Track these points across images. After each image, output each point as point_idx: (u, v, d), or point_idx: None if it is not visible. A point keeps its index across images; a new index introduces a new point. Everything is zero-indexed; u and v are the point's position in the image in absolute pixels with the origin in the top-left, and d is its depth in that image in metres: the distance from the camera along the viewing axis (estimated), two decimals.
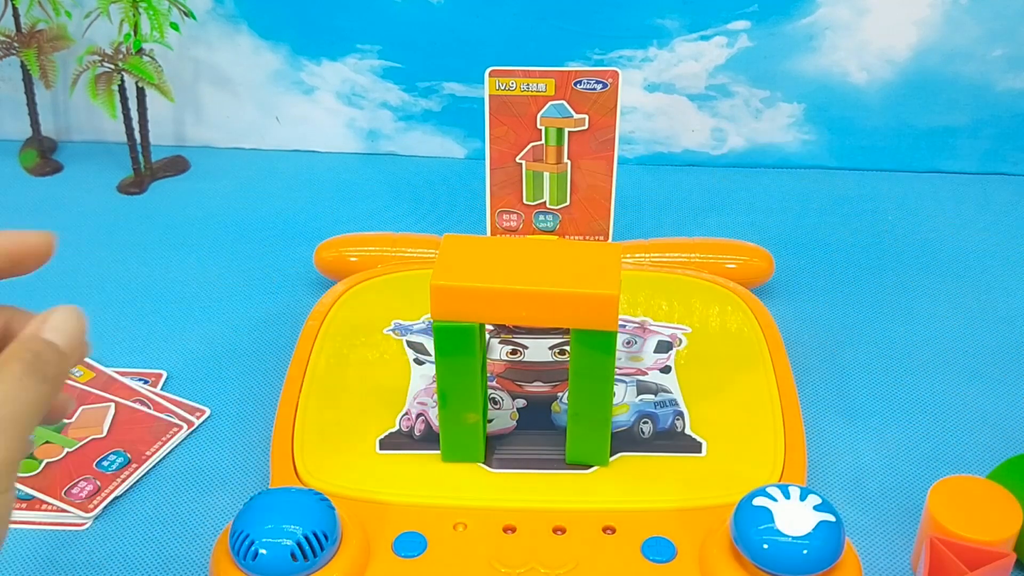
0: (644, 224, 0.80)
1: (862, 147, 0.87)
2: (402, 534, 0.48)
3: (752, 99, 0.85)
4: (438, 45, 0.85)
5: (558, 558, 0.47)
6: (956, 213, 0.82)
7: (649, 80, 0.85)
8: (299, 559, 0.44)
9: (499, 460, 0.53)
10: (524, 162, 0.68)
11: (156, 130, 0.86)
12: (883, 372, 0.64)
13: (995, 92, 0.83)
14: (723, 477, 0.52)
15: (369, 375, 0.59)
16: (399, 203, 0.83)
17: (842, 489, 0.56)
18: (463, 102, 0.87)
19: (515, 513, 0.50)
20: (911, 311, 0.70)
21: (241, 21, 0.86)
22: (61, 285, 0.72)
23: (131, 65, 0.80)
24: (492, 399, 0.56)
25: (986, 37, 0.81)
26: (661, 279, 0.67)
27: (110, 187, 0.85)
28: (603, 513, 0.50)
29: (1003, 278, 0.74)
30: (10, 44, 0.83)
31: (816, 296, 0.72)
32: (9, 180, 0.87)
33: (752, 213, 0.81)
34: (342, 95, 0.88)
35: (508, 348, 0.61)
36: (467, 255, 0.49)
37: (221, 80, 0.89)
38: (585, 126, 0.67)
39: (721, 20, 0.82)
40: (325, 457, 0.53)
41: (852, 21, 0.81)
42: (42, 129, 0.89)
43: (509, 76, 0.65)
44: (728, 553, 0.46)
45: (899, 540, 0.53)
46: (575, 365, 0.49)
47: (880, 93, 0.84)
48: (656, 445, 0.54)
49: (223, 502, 0.55)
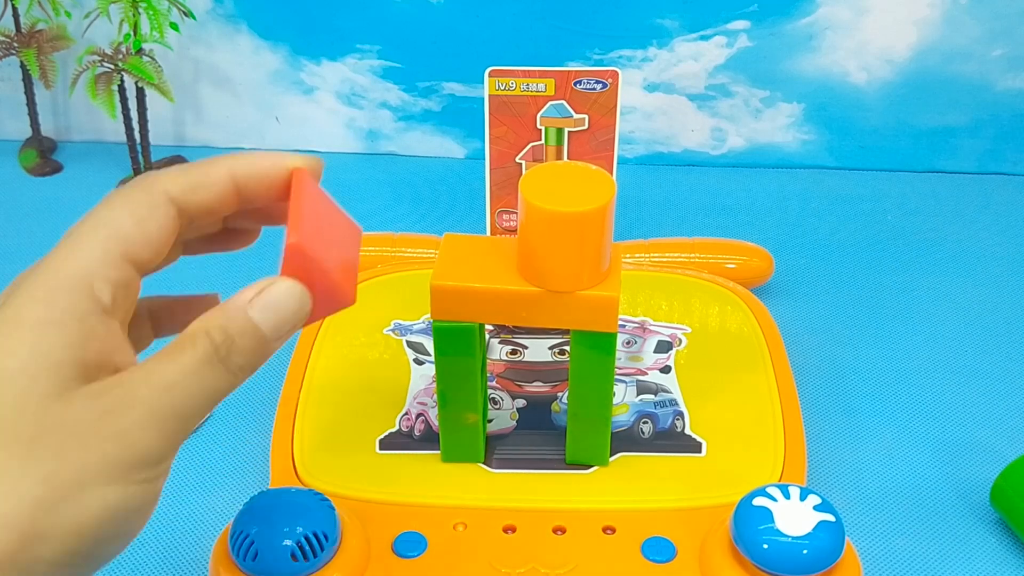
0: (644, 224, 0.80)
1: (862, 147, 0.87)
2: (402, 534, 0.48)
3: (752, 99, 0.85)
4: (438, 45, 0.85)
5: (558, 558, 0.47)
6: (956, 213, 0.82)
7: (649, 80, 0.85)
8: (299, 559, 0.44)
9: (499, 460, 0.53)
10: (524, 162, 0.68)
11: (156, 130, 0.86)
12: (883, 372, 0.64)
13: (995, 92, 0.83)
14: (723, 477, 0.52)
15: (369, 375, 0.59)
16: (399, 203, 0.83)
17: (842, 489, 0.56)
18: (463, 102, 0.87)
19: (515, 513, 0.50)
20: (911, 311, 0.70)
21: (241, 21, 0.86)
22: None
23: (131, 65, 0.80)
24: (492, 399, 0.56)
25: (986, 37, 0.81)
26: (661, 279, 0.67)
27: (110, 187, 0.85)
28: (603, 513, 0.50)
29: (1003, 278, 0.74)
30: (10, 44, 0.83)
31: (816, 296, 0.72)
32: (9, 180, 0.87)
33: (752, 213, 0.82)
34: (342, 95, 0.88)
35: (508, 348, 0.61)
36: (467, 255, 0.49)
37: (221, 80, 0.88)
38: (585, 126, 0.67)
39: (721, 20, 0.82)
40: (325, 457, 0.53)
41: (852, 21, 0.81)
42: (42, 129, 0.89)
43: (509, 76, 0.65)
44: (728, 553, 0.46)
45: (899, 540, 0.53)
46: (575, 365, 0.49)
47: (880, 93, 0.84)
48: (656, 445, 0.54)
49: (223, 502, 0.55)
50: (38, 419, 0.29)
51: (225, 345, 0.32)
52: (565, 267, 0.45)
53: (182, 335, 0.32)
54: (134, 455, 0.30)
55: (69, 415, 0.30)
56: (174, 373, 0.31)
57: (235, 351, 0.32)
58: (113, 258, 0.32)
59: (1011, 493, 0.52)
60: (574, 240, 0.45)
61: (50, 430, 0.29)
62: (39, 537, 0.29)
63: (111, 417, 0.30)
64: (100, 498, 0.30)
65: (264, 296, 0.33)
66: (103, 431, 0.30)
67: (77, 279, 0.31)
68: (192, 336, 0.31)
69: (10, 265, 0.75)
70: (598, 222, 0.44)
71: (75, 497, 0.29)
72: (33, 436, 0.29)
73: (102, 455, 0.30)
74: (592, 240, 0.45)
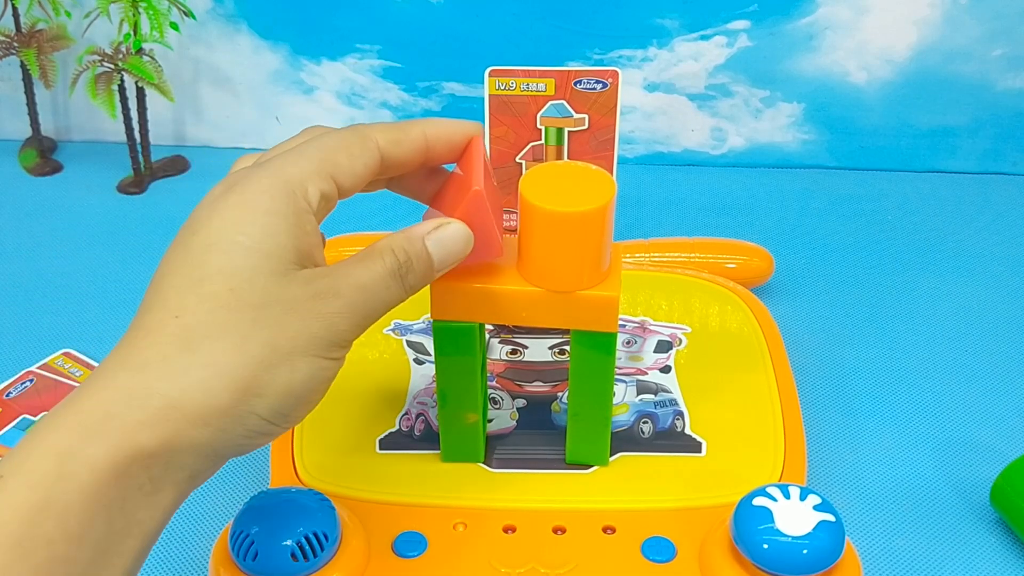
0: (644, 224, 0.80)
1: (862, 147, 0.87)
2: (402, 534, 0.48)
3: (752, 99, 0.85)
4: (438, 45, 0.85)
5: (558, 558, 0.47)
6: (956, 213, 0.82)
7: (649, 80, 0.85)
8: (299, 559, 0.44)
9: (499, 460, 0.53)
10: (524, 162, 0.68)
11: (156, 130, 0.86)
12: (883, 372, 0.64)
13: (995, 92, 0.83)
14: (723, 477, 0.52)
15: (369, 375, 0.59)
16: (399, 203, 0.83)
17: (842, 489, 0.56)
18: (463, 102, 0.87)
19: (515, 513, 0.50)
20: (911, 311, 0.70)
21: (241, 21, 0.86)
22: (61, 285, 0.72)
23: (131, 65, 0.80)
24: (492, 399, 0.56)
25: (986, 37, 0.81)
26: (661, 279, 0.67)
27: (110, 187, 0.85)
28: (603, 513, 0.50)
29: (1003, 278, 0.74)
30: (10, 44, 0.83)
31: (816, 296, 0.72)
32: (9, 180, 0.87)
33: (752, 213, 0.82)
34: (342, 95, 0.88)
35: (508, 348, 0.61)
36: None
37: (221, 80, 0.89)
38: (585, 126, 0.67)
39: (721, 20, 0.82)
40: (325, 457, 0.53)
41: (852, 21, 0.81)
42: (42, 129, 0.89)
43: (509, 76, 0.65)
44: (728, 553, 0.46)
45: (899, 540, 0.53)
46: (575, 365, 0.49)
47: (880, 93, 0.84)
48: (656, 445, 0.54)
49: (223, 502, 0.55)
50: (266, 291, 0.35)
51: (406, 264, 0.38)
52: (565, 267, 0.45)
53: (372, 248, 0.38)
54: (333, 335, 0.36)
55: (288, 293, 0.35)
56: (367, 277, 0.37)
57: (411, 271, 0.38)
58: (324, 175, 0.38)
59: (1011, 493, 0.52)
60: (574, 240, 0.45)
61: (273, 302, 0.35)
62: (257, 392, 0.35)
63: (320, 301, 0.36)
64: (306, 365, 0.35)
65: (440, 231, 0.40)
66: (313, 311, 0.35)
67: (296, 182, 0.37)
68: (381, 251, 0.38)
69: (10, 265, 0.75)
70: (598, 222, 0.44)
71: (288, 362, 0.35)
72: (260, 304, 0.35)
73: (311, 331, 0.35)
74: (592, 240, 0.45)
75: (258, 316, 0.35)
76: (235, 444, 0.35)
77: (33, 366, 0.64)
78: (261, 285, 0.35)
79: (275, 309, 0.35)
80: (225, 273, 0.35)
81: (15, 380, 0.63)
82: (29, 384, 0.63)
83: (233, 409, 0.34)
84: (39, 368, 0.64)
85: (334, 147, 0.39)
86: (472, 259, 0.43)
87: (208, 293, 0.34)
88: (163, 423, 0.33)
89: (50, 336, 0.67)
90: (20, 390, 0.62)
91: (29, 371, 0.64)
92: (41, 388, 0.62)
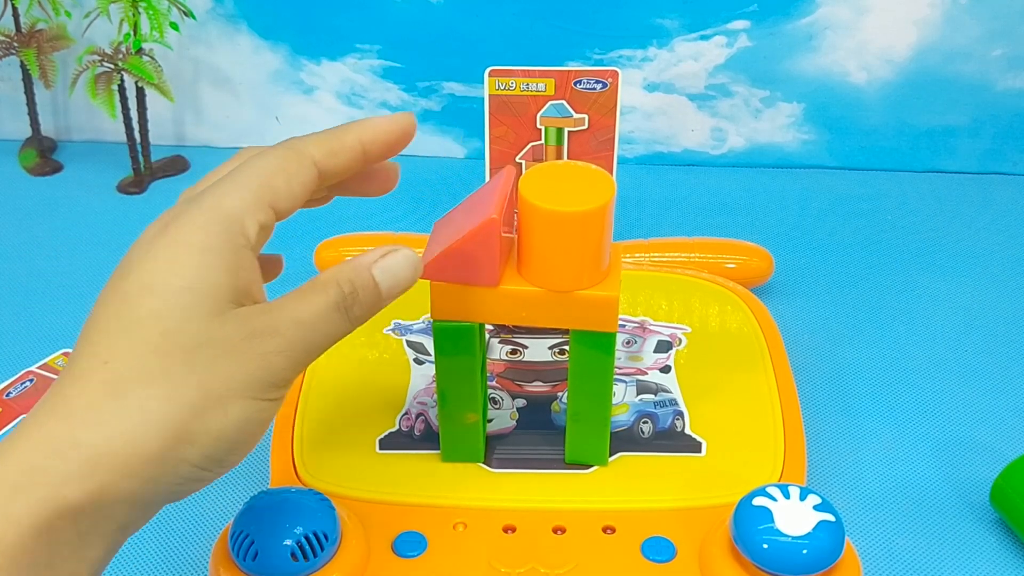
0: (644, 224, 0.80)
1: (862, 147, 0.87)
2: (402, 534, 0.48)
3: (752, 99, 0.85)
4: (438, 45, 0.85)
5: (558, 558, 0.47)
6: (956, 213, 0.82)
7: (649, 80, 0.85)
8: (299, 559, 0.44)
9: (499, 460, 0.53)
10: (524, 162, 0.68)
11: (156, 130, 0.86)
12: (883, 372, 0.64)
13: (995, 92, 0.83)
14: (723, 477, 0.52)
15: (369, 375, 0.59)
16: (399, 203, 0.83)
17: (842, 489, 0.56)
18: (463, 102, 0.87)
19: (515, 513, 0.50)
20: (911, 311, 0.70)
21: (241, 21, 0.86)
22: (61, 285, 0.72)
23: (131, 65, 0.80)
24: (492, 399, 0.56)
25: (986, 37, 0.81)
26: (661, 279, 0.67)
27: (110, 187, 0.85)
28: (603, 513, 0.50)
29: (1003, 278, 0.74)
30: (10, 44, 0.83)
31: (816, 296, 0.72)
32: (9, 180, 0.87)
33: (752, 213, 0.82)
34: (342, 95, 0.88)
35: (508, 348, 0.61)
36: None
37: (221, 80, 0.89)
38: (585, 126, 0.67)
39: (721, 20, 0.82)
40: (325, 457, 0.53)
41: (852, 21, 0.81)
42: (42, 129, 0.89)
43: (509, 76, 0.65)
44: (728, 553, 0.46)
45: (899, 540, 0.53)
46: (575, 365, 0.49)
47: (880, 93, 0.84)
48: (656, 445, 0.54)
49: (223, 502, 0.55)
50: (199, 332, 0.33)
51: (351, 296, 0.36)
52: (565, 267, 0.45)
53: (316, 280, 0.36)
54: (271, 376, 0.35)
55: (223, 333, 0.34)
56: (308, 312, 0.35)
57: (357, 302, 0.37)
58: (262, 204, 0.36)
59: (1011, 493, 0.52)
60: (574, 240, 0.45)
61: (207, 344, 0.33)
62: (188, 439, 0.33)
63: (257, 340, 0.34)
64: (240, 408, 0.34)
65: (387, 259, 0.38)
66: (249, 351, 0.34)
67: (233, 216, 0.35)
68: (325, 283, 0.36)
69: (10, 265, 0.75)
70: (598, 222, 0.44)
71: (221, 406, 0.33)
72: (193, 347, 0.33)
73: (246, 372, 0.34)
74: (592, 240, 0.45)
75: (190, 359, 0.33)
76: (167, 492, 0.34)
77: (33, 366, 0.64)
78: (195, 327, 0.33)
79: (209, 351, 0.33)
80: (157, 316, 0.33)
81: (15, 380, 0.63)
82: (29, 384, 0.63)
83: (163, 457, 0.33)
84: (39, 368, 0.64)
85: (271, 171, 0.37)
86: (464, 282, 0.45)
87: (139, 337, 0.33)
88: (90, 475, 0.32)
89: (50, 336, 0.67)
90: (20, 390, 0.62)
91: (29, 371, 0.64)
92: (41, 388, 0.62)
